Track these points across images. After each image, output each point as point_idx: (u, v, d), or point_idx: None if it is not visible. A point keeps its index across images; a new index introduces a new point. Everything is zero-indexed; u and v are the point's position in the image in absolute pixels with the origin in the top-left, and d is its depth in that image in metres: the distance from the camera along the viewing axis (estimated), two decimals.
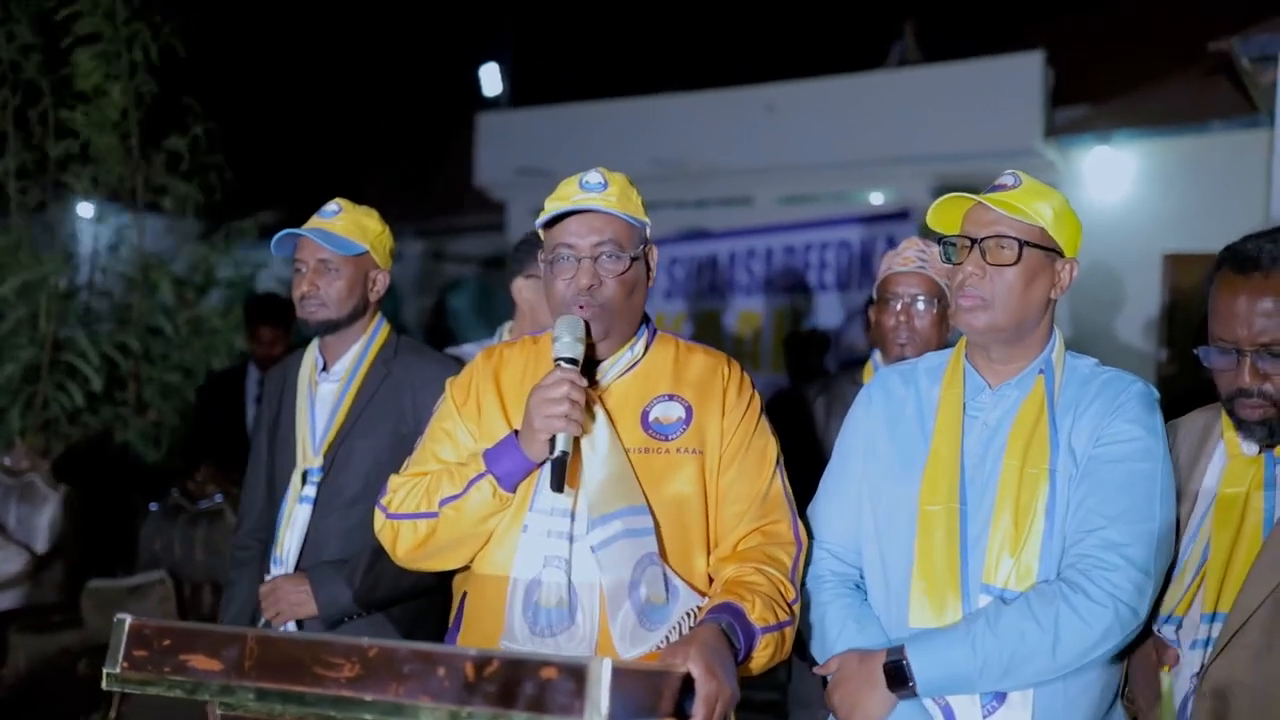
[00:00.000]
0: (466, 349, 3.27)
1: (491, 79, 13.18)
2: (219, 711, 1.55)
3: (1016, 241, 1.89)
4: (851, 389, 2.69)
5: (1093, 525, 1.84)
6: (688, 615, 1.90)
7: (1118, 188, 9.04)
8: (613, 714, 1.30)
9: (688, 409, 1.98)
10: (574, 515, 1.90)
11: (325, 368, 2.72)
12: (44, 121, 5.91)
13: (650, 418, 1.97)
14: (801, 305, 7.92)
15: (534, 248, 2.83)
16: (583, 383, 1.87)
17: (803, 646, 2.03)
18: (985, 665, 1.81)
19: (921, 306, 2.75)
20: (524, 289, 3.01)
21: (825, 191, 9.92)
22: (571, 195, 1.97)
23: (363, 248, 2.65)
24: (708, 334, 8.13)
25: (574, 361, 1.89)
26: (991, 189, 1.96)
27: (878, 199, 9.84)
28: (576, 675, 1.32)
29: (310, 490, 2.62)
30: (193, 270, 6.47)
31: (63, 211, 6.17)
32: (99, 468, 5.55)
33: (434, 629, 2.43)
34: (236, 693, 1.49)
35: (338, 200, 2.70)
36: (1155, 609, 1.89)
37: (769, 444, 2.03)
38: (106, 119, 5.84)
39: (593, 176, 1.99)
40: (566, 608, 1.88)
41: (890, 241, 7.19)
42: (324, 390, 2.70)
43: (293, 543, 2.61)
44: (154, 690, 1.54)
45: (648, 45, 13.01)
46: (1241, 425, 1.88)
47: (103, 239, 6.23)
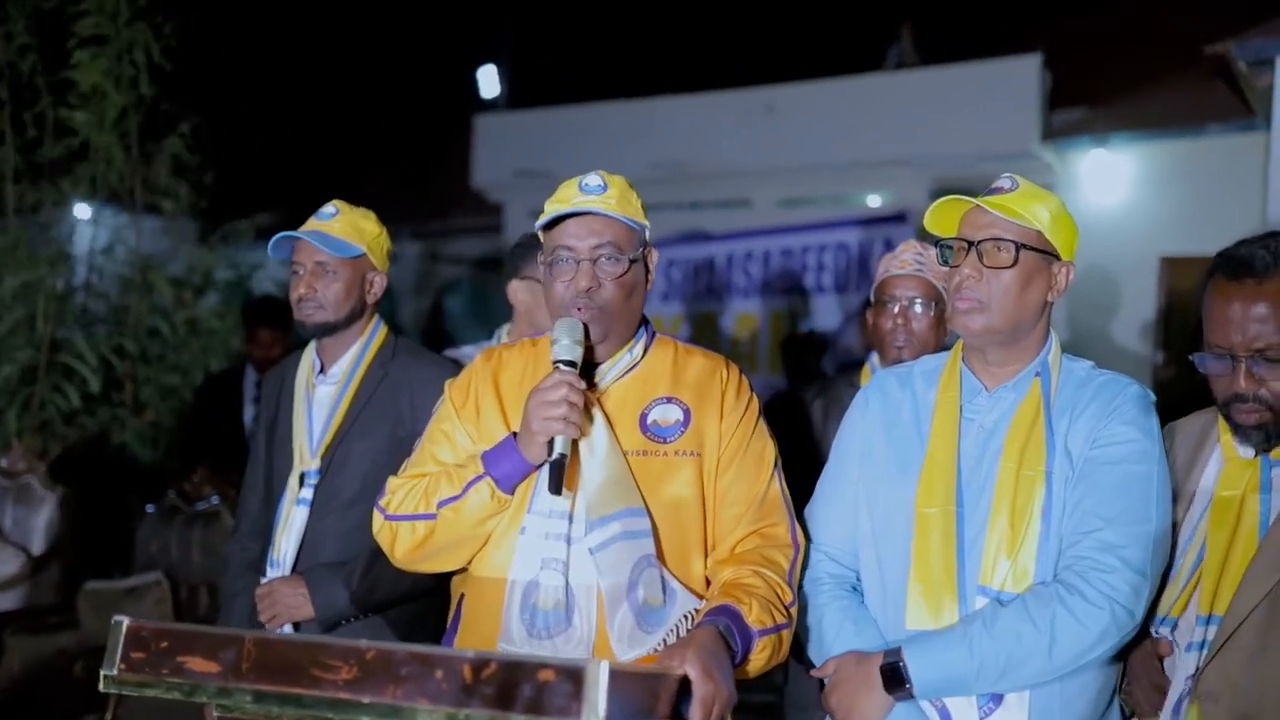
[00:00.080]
0: (465, 351, 3.26)
1: (489, 81, 13.17)
2: (216, 713, 1.56)
3: (1013, 244, 1.90)
4: (849, 391, 2.69)
5: (1089, 527, 1.85)
6: (685, 617, 1.90)
7: (1114, 190, 9.05)
8: (610, 716, 1.31)
9: (686, 411, 1.99)
10: (572, 517, 1.90)
11: (323, 370, 2.71)
12: (40, 124, 5.91)
13: (648, 420, 1.98)
14: (799, 307, 7.91)
15: (531, 250, 2.83)
16: (581, 385, 1.87)
17: (800, 649, 2.03)
18: (982, 667, 1.81)
19: (919, 309, 2.75)
20: (520, 291, 3.00)
21: (823, 194, 9.93)
22: (571, 198, 1.97)
23: (360, 250, 2.65)
24: (705, 336, 8.13)
25: (572, 364, 1.89)
26: (988, 192, 1.97)
27: (875, 201, 9.86)
28: (574, 677, 1.32)
29: (307, 492, 2.61)
30: (190, 272, 6.45)
31: (60, 212, 6.15)
32: (96, 469, 5.53)
33: (431, 631, 2.43)
34: (234, 695, 1.50)
35: (335, 202, 2.70)
36: (1151, 610, 1.90)
37: (767, 446, 2.04)
38: (106, 118, 5.83)
39: (592, 179, 1.99)
40: (564, 610, 1.88)
41: (888, 244, 7.19)
42: (321, 392, 2.69)
43: (290, 545, 2.60)
44: (151, 692, 1.54)
45: (646, 47, 13.00)
46: (1238, 430, 1.89)
47: (100, 240, 6.22)
